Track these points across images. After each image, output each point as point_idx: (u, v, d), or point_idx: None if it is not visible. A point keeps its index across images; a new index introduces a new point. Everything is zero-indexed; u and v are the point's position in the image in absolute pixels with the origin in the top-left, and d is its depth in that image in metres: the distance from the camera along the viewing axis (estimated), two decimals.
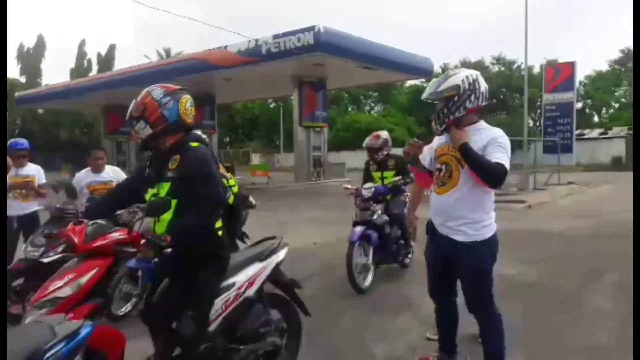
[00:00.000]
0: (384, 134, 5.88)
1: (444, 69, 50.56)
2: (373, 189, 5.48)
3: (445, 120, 2.79)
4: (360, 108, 53.54)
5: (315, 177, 23.10)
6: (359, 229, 5.25)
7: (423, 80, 42.13)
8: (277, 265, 3.01)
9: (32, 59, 42.26)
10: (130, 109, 2.61)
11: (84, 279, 3.00)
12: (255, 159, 42.69)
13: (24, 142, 5.48)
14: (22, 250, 4.51)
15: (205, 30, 75.63)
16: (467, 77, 2.77)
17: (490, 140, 2.72)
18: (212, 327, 2.64)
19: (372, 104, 55.12)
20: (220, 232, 2.69)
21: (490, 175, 2.64)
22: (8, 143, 5.40)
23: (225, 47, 21.33)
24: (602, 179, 20.83)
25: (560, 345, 3.80)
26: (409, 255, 5.95)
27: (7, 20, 2.27)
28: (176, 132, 2.62)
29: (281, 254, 3.06)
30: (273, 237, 3.19)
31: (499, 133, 2.78)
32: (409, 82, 46.81)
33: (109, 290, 2.84)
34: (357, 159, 29.53)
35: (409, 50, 22.87)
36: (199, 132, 3.58)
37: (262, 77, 22.81)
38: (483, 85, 2.80)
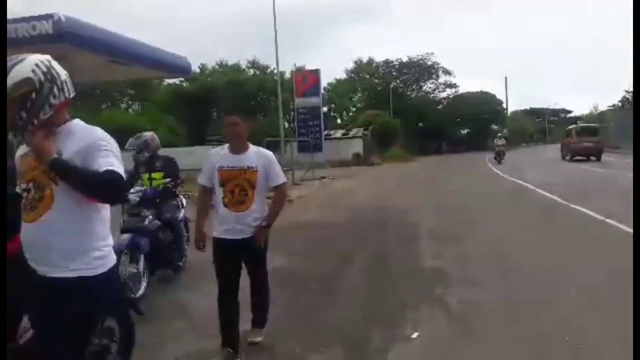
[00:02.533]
0: (147, 134, 5.66)
1: (202, 68, 50.80)
2: (141, 193, 5.14)
3: (29, 127, 2.01)
4: (116, 106, 49.72)
5: None
6: (125, 236, 4.86)
7: (182, 79, 41.72)
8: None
9: None
10: None
11: None
12: None
13: None
14: None
15: None
16: (37, 65, 2.03)
17: (91, 144, 2.05)
18: (27, 335, 2.69)
19: (130, 102, 51.78)
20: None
21: (103, 189, 2.00)
22: None
23: None
24: (347, 173, 23.83)
25: (323, 325, 4.17)
26: (183, 259, 5.81)
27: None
28: None
29: None
30: None
31: (100, 134, 2.12)
32: (169, 81, 45.44)
33: None
34: None
35: (166, 48, 22.19)
36: None
37: None
38: (62, 72, 2.13)
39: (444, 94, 60.59)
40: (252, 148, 3.55)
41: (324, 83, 41.70)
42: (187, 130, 41.37)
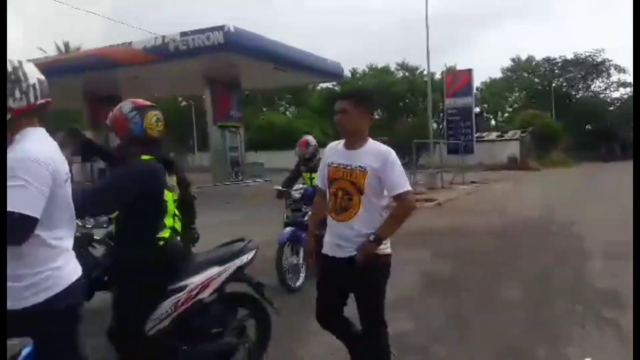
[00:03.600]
0: (311, 139, 5.89)
1: (353, 72, 52.04)
2: (302, 190, 5.53)
3: None
4: (275, 109, 53.51)
5: (234, 178, 22.68)
6: (288, 230, 5.31)
7: (334, 83, 43.27)
8: (240, 268, 3.05)
9: None
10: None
11: None
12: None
13: None
14: None
15: (108, 24, 71.99)
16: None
17: (7, 170, 1.74)
18: (161, 326, 2.74)
19: (287, 105, 55.31)
20: (161, 242, 2.78)
21: None
22: None
23: (130, 43, 20.33)
24: (500, 177, 22.46)
25: (479, 341, 3.94)
26: None
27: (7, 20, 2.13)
28: (142, 144, 2.81)
29: (245, 258, 3.09)
30: (241, 239, 3.23)
31: (20, 155, 1.76)
32: (322, 85, 47.51)
33: None
34: (274, 158, 29.50)
35: (319, 54, 23.30)
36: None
37: (171, 75, 22.02)
38: (33, 76, 1.88)
39: (616, 94, 53.74)
40: (370, 144, 2.79)
41: (476, 82, 40.02)
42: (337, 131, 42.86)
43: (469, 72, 32.58)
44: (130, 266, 2.73)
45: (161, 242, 2.77)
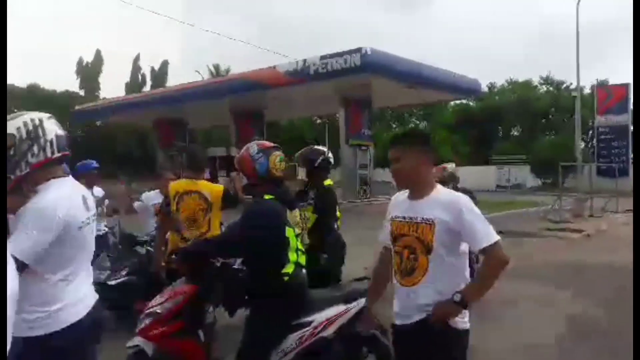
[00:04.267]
0: (451, 166, 5.63)
1: (490, 87, 49.80)
2: None
3: (7, 182, 2.03)
4: (404, 125, 53.21)
5: (362, 195, 23.03)
6: None
7: (470, 99, 41.90)
8: (366, 307, 2.99)
9: (90, 73, 43.82)
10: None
11: (175, 301, 2.99)
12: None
13: (94, 162, 5.78)
14: None
15: (254, 48, 78.81)
16: (25, 123, 2.04)
17: (19, 214, 1.98)
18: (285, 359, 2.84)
19: (417, 121, 54.68)
20: (286, 278, 2.89)
21: None
22: (81, 164, 5.65)
23: (274, 67, 21.72)
24: None
25: None
26: None
27: (7, 20, 2.24)
28: (266, 184, 3.00)
29: None
30: (368, 278, 3.23)
31: (35, 205, 1.99)
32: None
33: (209, 310, 3.16)
34: None
35: (455, 69, 22.76)
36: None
37: (309, 96, 23.11)
38: (51, 132, 2.08)
39: None
40: (437, 192, 2.37)
41: (634, 97, 35.86)
42: (470, 149, 41.30)
43: (625, 86, 29.55)
44: (257, 299, 2.91)
45: (285, 278, 2.88)
